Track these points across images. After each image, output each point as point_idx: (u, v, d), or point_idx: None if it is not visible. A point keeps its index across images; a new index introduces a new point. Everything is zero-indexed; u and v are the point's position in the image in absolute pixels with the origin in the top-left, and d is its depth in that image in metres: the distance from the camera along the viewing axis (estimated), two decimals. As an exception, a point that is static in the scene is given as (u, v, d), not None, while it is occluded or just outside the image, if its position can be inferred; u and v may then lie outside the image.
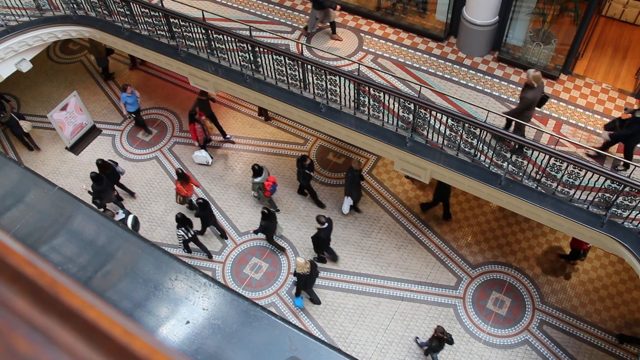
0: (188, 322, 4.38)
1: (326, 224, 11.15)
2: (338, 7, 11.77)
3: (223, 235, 12.77)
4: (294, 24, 12.50)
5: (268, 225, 11.74)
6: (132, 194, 13.59)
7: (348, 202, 12.53)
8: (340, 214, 12.99)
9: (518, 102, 9.36)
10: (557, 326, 11.22)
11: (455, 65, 11.35)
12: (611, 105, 10.42)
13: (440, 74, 11.22)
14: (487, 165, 9.22)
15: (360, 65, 10.54)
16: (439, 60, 11.50)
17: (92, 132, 14.99)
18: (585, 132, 10.01)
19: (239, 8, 13.05)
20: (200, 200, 11.83)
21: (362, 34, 12.17)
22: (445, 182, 10.51)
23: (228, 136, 14.55)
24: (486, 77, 11.07)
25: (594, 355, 10.82)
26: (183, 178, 12.44)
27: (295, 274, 10.81)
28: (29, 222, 5.28)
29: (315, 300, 11.57)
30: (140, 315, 4.50)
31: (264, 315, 4.38)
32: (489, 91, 10.82)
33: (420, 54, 11.66)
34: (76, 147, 14.64)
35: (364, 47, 11.88)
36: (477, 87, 10.89)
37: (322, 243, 11.58)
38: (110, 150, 14.67)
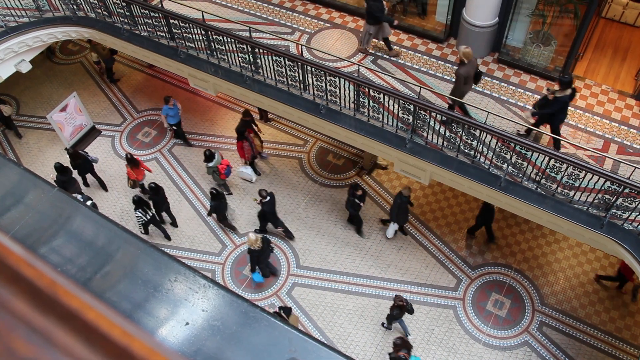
0: (187, 324, 4.37)
1: (268, 197, 11.60)
2: (396, 21, 11.20)
3: (173, 223, 13.07)
4: (293, 25, 12.50)
5: (218, 205, 12.13)
6: (104, 187, 13.76)
7: (393, 227, 12.01)
8: (340, 214, 12.99)
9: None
10: (557, 328, 11.21)
11: (455, 67, 11.34)
12: (611, 106, 10.43)
13: (440, 75, 11.22)
14: (486, 167, 9.22)
15: (360, 67, 10.54)
16: (439, 62, 11.50)
17: (91, 133, 14.99)
18: (585, 134, 10.01)
19: (239, 9, 13.05)
20: (152, 185, 12.14)
21: (361, 35, 12.16)
22: (487, 203, 10.82)
23: (263, 154, 14.19)
24: (486, 78, 11.07)
25: (593, 357, 10.82)
26: (133, 162, 12.82)
27: (248, 250, 11.22)
28: (28, 223, 5.27)
29: (266, 274, 11.98)
30: (140, 317, 4.49)
31: (263, 317, 4.38)
32: (488, 92, 10.82)
33: (420, 55, 11.66)
34: (76, 148, 14.62)
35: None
36: (477, 88, 10.88)
37: (268, 217, 12.04)
38: (110, 151, 14.67)
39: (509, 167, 8.91)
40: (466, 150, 9.30)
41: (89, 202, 11.76)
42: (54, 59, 16.89)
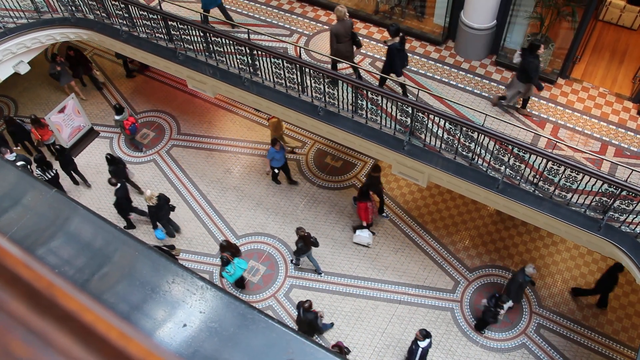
0: (185, 325, 4.36)
1: (119, 184, 11.96)
2: (544, 87, 10.72)
3: (75, 182, 13.69)
4: (292, 27, 12.51)
5: (115, 169, 12.76)
6: (85, 182, 14.02)
7: (509, 305, 10.60)
8: (346, 217, 12.99)
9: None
10: (555, 330, 11.22)
11: (453, 69, 11.37)
12: (608, 109, 10.45)
13: (438, 77, 11.24)
14: (484, 169, 9.23)
15: (359, 69, 10.55)
16: (437, 64, 11.52)
17: (89, 135, 14.99)
18: (583, 136, 10.03)
19: (237, 11, 13.06)
20: (57, 147, 13.17)
21: (361, 38, 12.17)
22: (613, 269, 10.64)
23: (384, 214, 13.09)
24: (484, 80, 11.10)
25: (590, 359, 10.83)
26: (37, 123, 13.50)
27: (148, 208, 11.77)
28: (26, 225, 5.26)
29: (170, 233, 12.58)
30: (137, 318, 4.48)
31: (261, 319, 4.37)
32: (486, 95, 10.84)
33: (418, 57, 11.68)
34: (74, 149, 14.62)
35: (362, 51, 11.89)
36: (475, 90, 10.91)
37: (123, 204, 12.27)
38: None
39: (507, 169, 8.93)
40: (464, 153, 9.31)
41: (20, 163, 12.24)
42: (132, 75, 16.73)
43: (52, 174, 12.83)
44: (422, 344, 9.61)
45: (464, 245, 12.55)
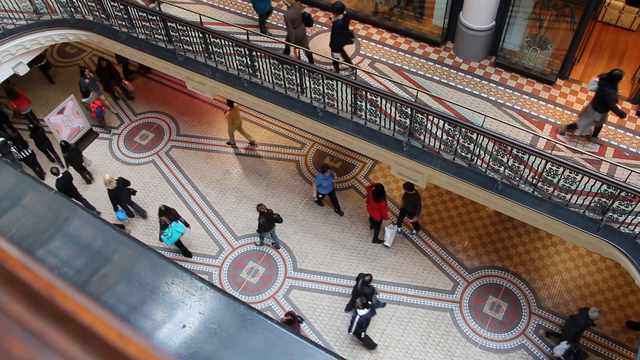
0: (184, 326, 4.36)
1: (60, 174, 12.18)
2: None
3: (51, 159, 13.88)
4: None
5: (70, 156, 13.12)
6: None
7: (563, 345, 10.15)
8: (345, 218, 13.00)
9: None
10: (553, 331, 11.22)
11: (452, 70, 11.38)
12: (607, 110, 10.45)
13: (437, 78, 11.25)
14: (483, 170, 9.24)
15: (358, 70, 10.56)
16: (436, 65, 11.53)
17: (89, 136, 14.98)
18: (582, 137, 10.03)
19: (237, 12, 13.07)
20: (31, 125, 13.55)
21: (360, 39, 12.20)
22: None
23: (413, 232, 12.79)
24: (483, 81, 11.11)
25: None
26: (12, 93, 14.07)
27: (107, 191, 12.15)
28: (25, 226, 5.27)
29: (130, 214, 12.87)
30: (136, 319, 4.49)
31: (260, 320, 4.38)
32: (485, 96, 10.85)
33: (417, 58, 11.69)
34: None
35: (361, 52, 11.91)
36: (474, 91, 10.92)
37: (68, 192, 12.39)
38: (107, 154, 14.66)
39: (506, 170, 8.93)
40: (463, 154, 9.32)
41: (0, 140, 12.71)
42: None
43: (28, 153, 13.38)
44: (361, 312, 10.09)
45: (463, 246, 12.55)
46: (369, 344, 10.92)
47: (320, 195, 12.69)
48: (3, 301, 0.66)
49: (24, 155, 13.28)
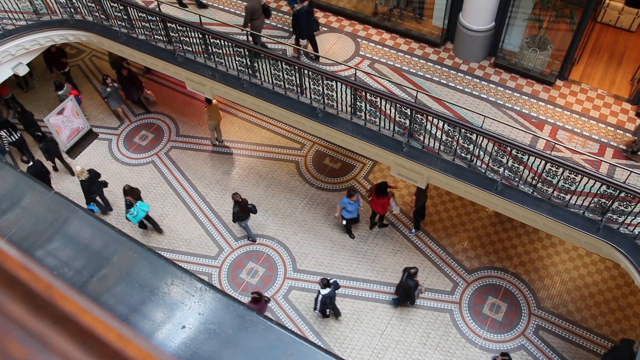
0: (184, 327, 4.36)
1: (31, 162, 12.52)
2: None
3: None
4: (290, 29, 12.51)
5: (46, 146, 13.37)
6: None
7: None
8: (339, 221, 13.01)
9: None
10: (553, 331, 11.22)
11: (451, 71, 11.39)
12: (607, 111, 10.47)
13: (437, 79, 11.25)
14: (483, 171, 9.24)
15: (357, 71, 10.56)
16: (436, 66, 11.54)
17: (88, 136, 14.97)
18: (581, 138, 10.05)
19: (236, 13, 13.07)
20: (19, 109, 13.98)
21: (359, 39, 12.21)
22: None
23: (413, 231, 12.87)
24: (482, 82, 11.11)
25: (590, 361, 10.84)
26: None
27: (80, 182, 12.36)
28: (25, 226, 5.27)
29: (102, 209, 13.19)
30: (136, 320, 4.48)
31: (260, 320, 4.38)
32: (485, 97, 10.85)
33: (416, 59, 11.69)
34: (73, 151, 14.61)
35: (360, 53, 11.91)
36: (474, 92, 10.92)
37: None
38: (107, 154, 14.65)
39: (506, 171, 8.94)
40: (463, 154, 9.32)
41: None
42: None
43: (17, 137, 13.68)
44: (323, 291, 10.45)
45: (463, 246, 12.56)
46: (336, 313, 11.38)
47: (344, 222, 12.15)
48: (3, 302, 0.66)
49: (14, 139, 13.60)
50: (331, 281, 10.58)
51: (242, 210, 11.72)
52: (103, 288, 4.78)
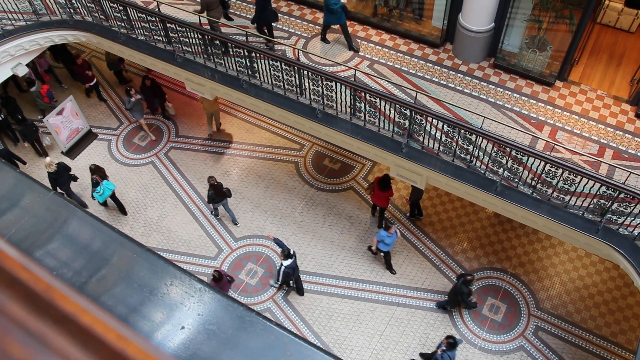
0: (183, 328, 4.36)
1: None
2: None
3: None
4: (290, 30, 12.52)
5: (24, 130, 13.83)
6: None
7: None
8: (344, 219, 13.00)
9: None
10: (553, 332, 11.23)
11: (451, 72, 11.39)
12: (606, 112, 10.48)
13: (437, 80, 11.25)
14: (482, 172, 9.25)
15: (357, 71, 10.56)
16: (435, 67, 11.54)
17: (88, 137, 14.97)
18: (581, 139, 10.05)
19: (236, 14, 13.07)
20: (3, 95, 14.21)
21: (359, 40, 12.21)
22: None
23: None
24: (482, 83, 11.12)
25: (589, 362, 10.84)
26: None
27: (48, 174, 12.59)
28: (24, 227, 5.26)
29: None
30: (135, 320, 4.48)
31: (259, 321, 4.37)
32: (484, 97, 10.86)
33: (416, 60, 11.70)
34: (72, 152, 14.61)
35: (360, 53, 11.91)
36: (473, 93, 10.93)
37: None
38: (106, 155, 14.65)
39: (505, 171, 8.94)
40: (462, 155, 9.32)
41: None
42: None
43: (1, 117, 14.03)
44: (285, 262, 10.85)
45: (462, 247, 12.56)
46: (299, 290, 11.75)
47: (382, 253, 11.78)
48: (3, 302, 0.66)
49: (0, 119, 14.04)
50: (292, 252, 10.96)
51: (217, 193, 12.12)
52: (103, 288, 4.78)
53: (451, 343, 9.50)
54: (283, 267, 10.87)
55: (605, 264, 12.03)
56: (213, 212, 13.21)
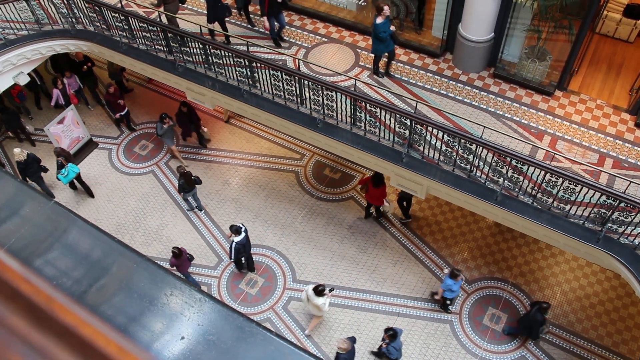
0: (183, 338, 4.34)
1: None
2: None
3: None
4: (290, 40, 12.58)
5: (8, 119, 14.28)
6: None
7: None
8: (345, 229, 12.98)
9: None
10: (554, 342, 11.17)
11: (451, 81, 11.42)
12: (606, 121, 10.50)
13: (437, 89, 11.28)
14: (483, 181, 9.25)
15: (357, 81, 10.60)
16: (435, 76, 11.57)
17: (88, 146, 14.99)
18: (581, 148, 10.06)
19: (236, 24, 13.13)
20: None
21: (359, 50, 12.26)
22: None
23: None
24: (482, 93, 11.14)
25: (590, 372, 10.78)
26: None
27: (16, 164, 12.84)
28: (24, 236, 5.25)
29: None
30: (135, 331, 4.46)
31: (259, 331, 4.35)
32: (484, 107, 10.88)
33: (416, 70, 11.73)
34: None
35: (360, 63, 11.96)
36: (473, 103, 10.95)
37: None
38: (107, 164, 14.66)
39: (505, 181, 8.94)
40: (462, 165, 9.33)
41: None
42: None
43: None
44: (237, 239, 11.09)
45: (463, 257, 12.53)
46: (250, 267, 12.22)
47: (448, 301, 11.38)
48: (4, 315, 0.66)
49: None
50: (242, 229, 11.18)
51: (187, 182, 12.36)
52: (102, 298, 4.76)
53: (392, 335, 9.72)
54: (234, 243, 11.10)
55: (606, 273, 12.00)
56: (187, 208, 13.48)
